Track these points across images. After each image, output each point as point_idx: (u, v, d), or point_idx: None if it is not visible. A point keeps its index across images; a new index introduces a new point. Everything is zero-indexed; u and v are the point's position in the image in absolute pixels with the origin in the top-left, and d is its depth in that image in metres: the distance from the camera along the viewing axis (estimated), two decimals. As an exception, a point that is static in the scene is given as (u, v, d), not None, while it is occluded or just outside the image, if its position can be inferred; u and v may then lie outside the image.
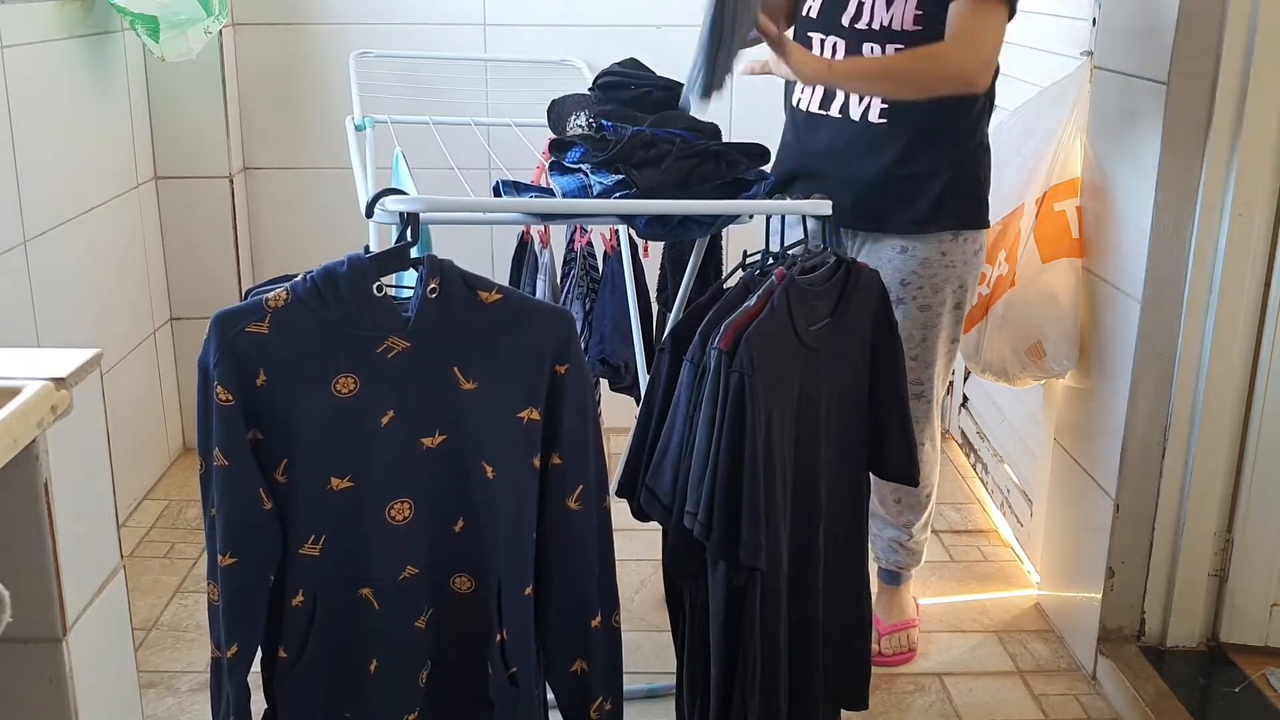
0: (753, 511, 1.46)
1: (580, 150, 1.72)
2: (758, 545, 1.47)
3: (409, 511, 1.36)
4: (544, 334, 1.36)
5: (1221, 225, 1.90)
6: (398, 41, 2.84)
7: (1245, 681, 2.00)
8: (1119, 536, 2.06)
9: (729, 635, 1.55)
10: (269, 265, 2.96)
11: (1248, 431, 2.00)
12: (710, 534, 1.46)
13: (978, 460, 2.92)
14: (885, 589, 2.22)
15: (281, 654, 1.39)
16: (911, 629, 2.20)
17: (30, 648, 1.08)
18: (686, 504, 1.49)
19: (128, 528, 2.58)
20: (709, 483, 1.46)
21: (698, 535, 1.48)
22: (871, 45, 1.85)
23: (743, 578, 1.51)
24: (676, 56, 2.42)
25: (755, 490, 1.46)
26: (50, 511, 1.06)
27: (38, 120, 2.22)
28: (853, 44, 1.87)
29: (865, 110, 1.90)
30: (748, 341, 1.44)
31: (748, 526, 1.46)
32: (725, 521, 1.46)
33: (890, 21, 1.84)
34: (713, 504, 1.46)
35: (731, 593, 1.53)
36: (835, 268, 1.58)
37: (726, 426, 1.45)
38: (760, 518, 1.47)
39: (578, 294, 2.33)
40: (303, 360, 1.30)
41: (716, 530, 1.46)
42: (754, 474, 1.46)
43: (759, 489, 1.46)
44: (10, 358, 1.10)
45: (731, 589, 1.52)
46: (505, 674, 1.42)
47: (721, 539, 1.47)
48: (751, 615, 1.53)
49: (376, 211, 1.41)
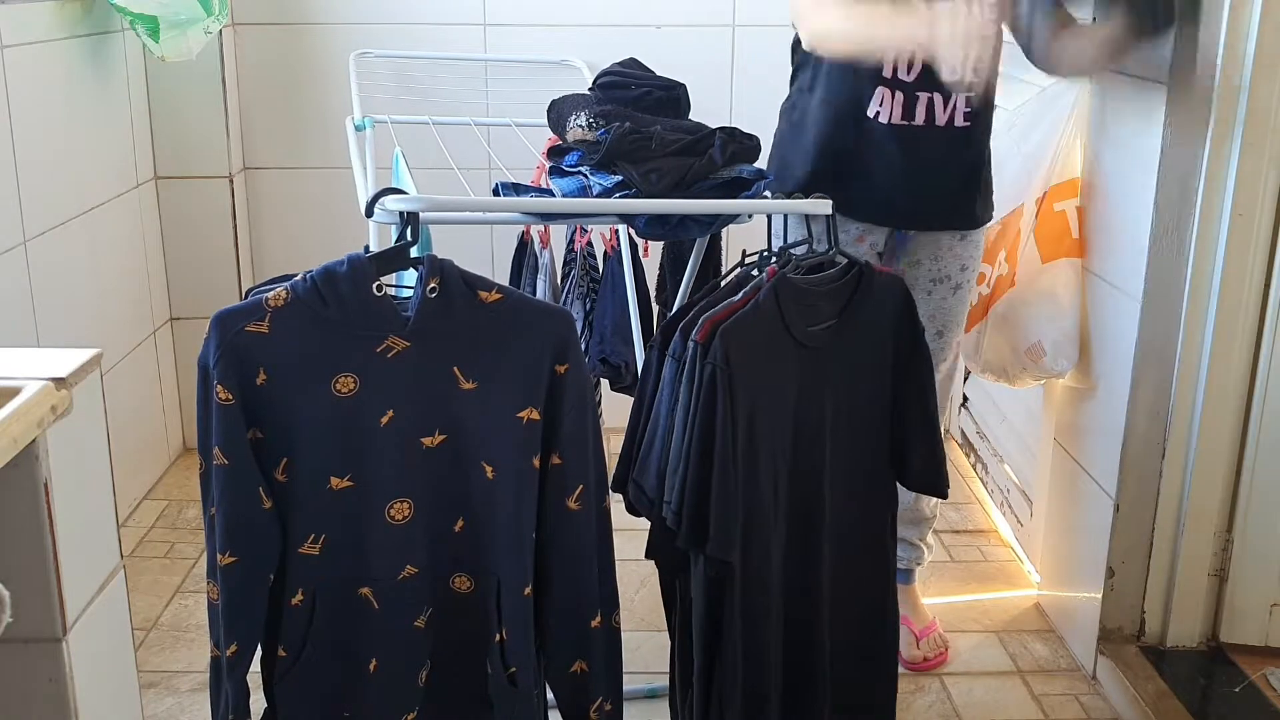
0: (722, 504, 1.46)
1: (578, 154, 1.73)
2: (727, 538, 1.47)
3: (408, 511, 1.36)
4: (544, 334, 1.36)
5: (1221, 225, 1.90)
6: (398, 41, 2.84)
7: (1245, 681, 2.00)
8: (1119, 536, 2.06)
9: (709, 630, 1.55)
10: (269, 265, 2.96)
11: (1248, 431, 1.99)
12: (680, 524, 1.47)
13: (978, 460, 2.92)
14: (904, 589, 2.23)
15: (281, 653, 1.39)
16: (938, 628, 2.22)
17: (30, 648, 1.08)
18: (665, 494, 1.50)
19: (128, 528, 2.58)
20: (680, 473, 1.47)
21: (669, 524, 1.48)
22: None
23: (714, 570, 1.51)
24: (676, 56, 2.43)
25: (726, 482, 1.46)
26: (50, 511, 1.06)
27: (38, 120, 2.22)
28: None
29: (950, 116, 1.89)
30: (723, 335, 1.45)
31: (716, 518, 1.46)
32: (695, 512, 1.47)
33: None
34: (683, 494, 1.46)
35: (710, 585, 1.53)
36: (845, 269, 1.58)
37: (698, 418, 1.45)
38: (731, 511, 1.47)
39: (578, 294, 2.33)
40: (303, 360, 1.30)
41: (686, 521, 1.47)
42: (724, 466, 1.46)
43: (730, 481, 1.46)
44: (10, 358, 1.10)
45: (710, 583, 1.53)
46: (505, 674, 1.42)
47: (691, 530, 1.47)
48: (731, 611, 1.53)
49: (376, 211, 1.41)
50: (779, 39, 2.08)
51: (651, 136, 1.68)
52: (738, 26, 2.87)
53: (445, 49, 2.86)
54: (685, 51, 2.79)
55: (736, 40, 2.88)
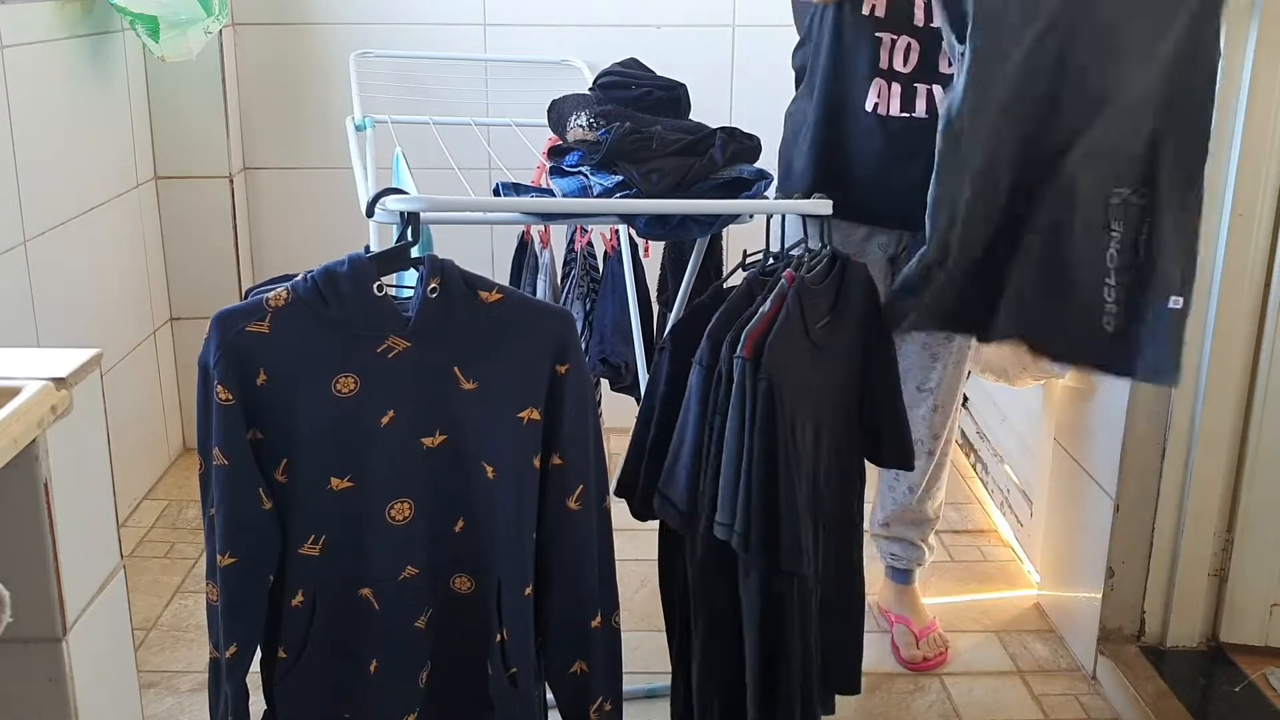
0: (791, 517, 1.46)
1: (578, 154, 1.73)
2: (799, 550, 1.47)
3: (409, 511, 1.36)
4: (544, 334, 1.36)
5: (1221, 225, 1.90)
6: (398, 41, 2.84)
7: (1245, 681, 2.00)
8: (1119, 536, 2.06)
9: (767, 640, 1.55)
10: (269, 265, 2.96)
11: (1248, 431, 1.99)
12: (748, 543, 1.46)
13: (978, 460, 2.92)
14: (905, 589, 2.23)
15: (281, 654, 1.39)
16: (937, 628, 2.21)
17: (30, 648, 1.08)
18: (718, 515, 1.48)
19: (128, 528, 2.58)
20: (744, 492, 1.46)
21: (735, 546, 1.47)
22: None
23: (784, 584, 1.51)
24: (676, 56, 2.43)
25: (792, 495, 1.46)
26: (50, 511, 1.06)
27: (38, 120, 2.22)
28: (928, 43, 1.82)
29: None
30: (771, 348, 1.45)
31: (788, 532, 1.46)
32: (764, 529, 1.46)
33: None
34: (749, 513, 1.46)
35: (769, 599, 1.53)
36: (830, 264, 1.58)
37: (759, 435, 1.44)
38: (799, 521, 1.47)
39: (578, 294, 2.33)
40: (303, 360, 1.30)
41: (755, 538, 1.46)
42: (789, 479, 1.46)
43: (795, 494, 1.47)
44: (10, 358, 1.10)
45: (769, 595, 1.52)
46: (505, 674, 1.42)
47: (761, 547, 1.47)
48: (792, 619, 1.53)
49: (377, 211, 1.41)
50: (779, 39, 2.08)
51: (652, 136, 1.68)
52: (738, 26, 2.87)
53: (445, 49, 2.86)
54: (685, 51, 2.79)
55: (736, 40, 2.88)
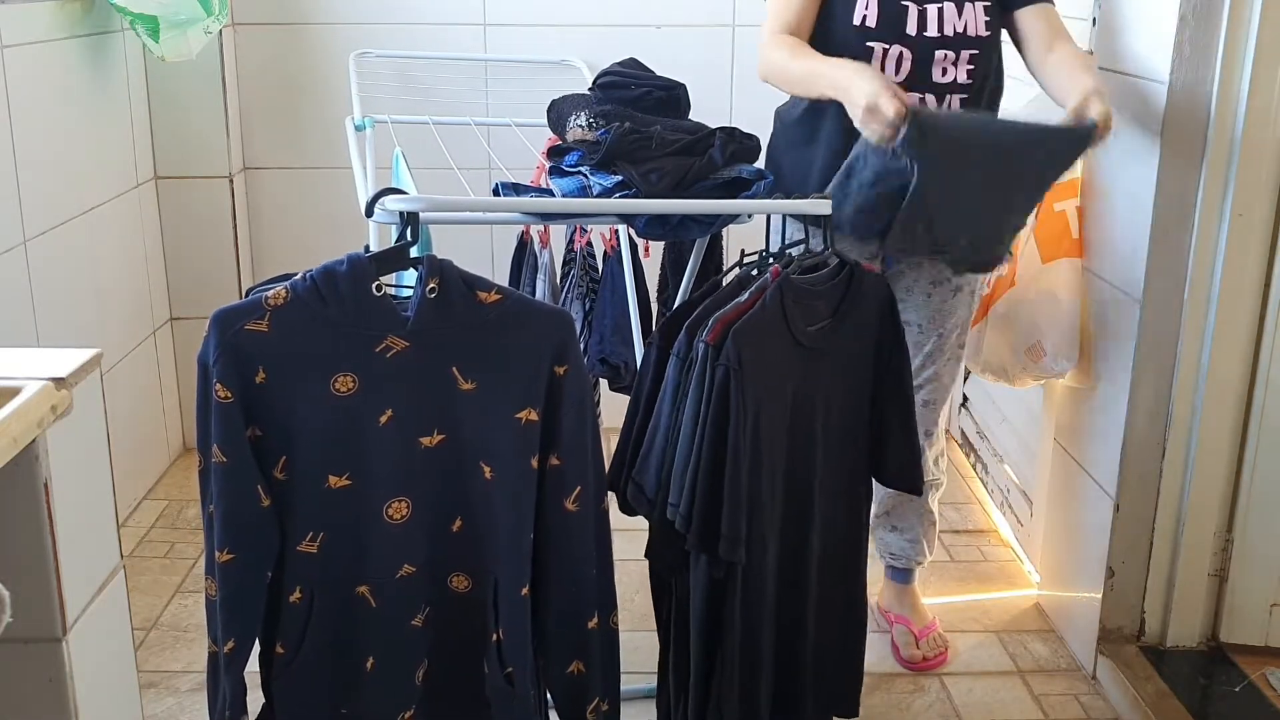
0: (733, 505, 1.46)
1: (578, 154, 1.73)
2: (737, 539, 1.47)
3: (407, 510, 1.37)
4: (543, 335, 1.36)
5: (1221, 226, 1.90)
6: (398, 41, 2.84)
7: (1245, 681, 2.00)
8: (1119, 536, 2.06)
9: (709, 631, 1.55)
10: (269, 265, 2.96)
11: (1248, 431, 1.99)
12: (690, 526, 1.46)
13: (978, 460, 2.92)
14: (904, 589, 2.23)
15: (279, 650, 1.39)
16: (937, 628, 2.21)
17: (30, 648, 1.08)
18: (669, 496, 1.49)
19: (128, 528, 2.58)
20: (691, 475, 1.46)
21: (679, 527, 1.48)
22: (945, 52, 1.84)
23: (722, 571, 1.51)
24: (676, 56, 2.43)
25: (737, 484, 1.46)
26: (50, 511, 1.06)
27: (38, 120, 2.22)
28: (921, 52, 1.84)
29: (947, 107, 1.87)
30: (735, 336, 1.45)
31: (728, 520, 1.46)
32: (705, 514, 1.47)
33: (964, 29, 1.84)
34: (694, 496, 1.46)
35: (712, 587, 1.53)
36: (837, 269, 1.58)
37: (710, 420, 1.45)
38: (741, 512, 1.47)
39: (578, 294, 2.33)
40: (302, 358, 1.30)
41: (696, 522, 1.46)
42: (736, 468, 1.46)
43: (740, 483, 1.47)
44: (10, 358, 1.10)
45: (713, 583, 1.53)
46: (502, 674, 1.42)
47: (701, 531, 1.47)
48: (732, 611, 1.53)
49: (376, 211, 1.42)
50: (779, 39, 2.08)
51: (651, 136, 1.68)
52: (738, 26, 2.87)
53: (445, 49, 2.86)
54: (685, 51, 2.79)
55: (736, 40, 2.88)
